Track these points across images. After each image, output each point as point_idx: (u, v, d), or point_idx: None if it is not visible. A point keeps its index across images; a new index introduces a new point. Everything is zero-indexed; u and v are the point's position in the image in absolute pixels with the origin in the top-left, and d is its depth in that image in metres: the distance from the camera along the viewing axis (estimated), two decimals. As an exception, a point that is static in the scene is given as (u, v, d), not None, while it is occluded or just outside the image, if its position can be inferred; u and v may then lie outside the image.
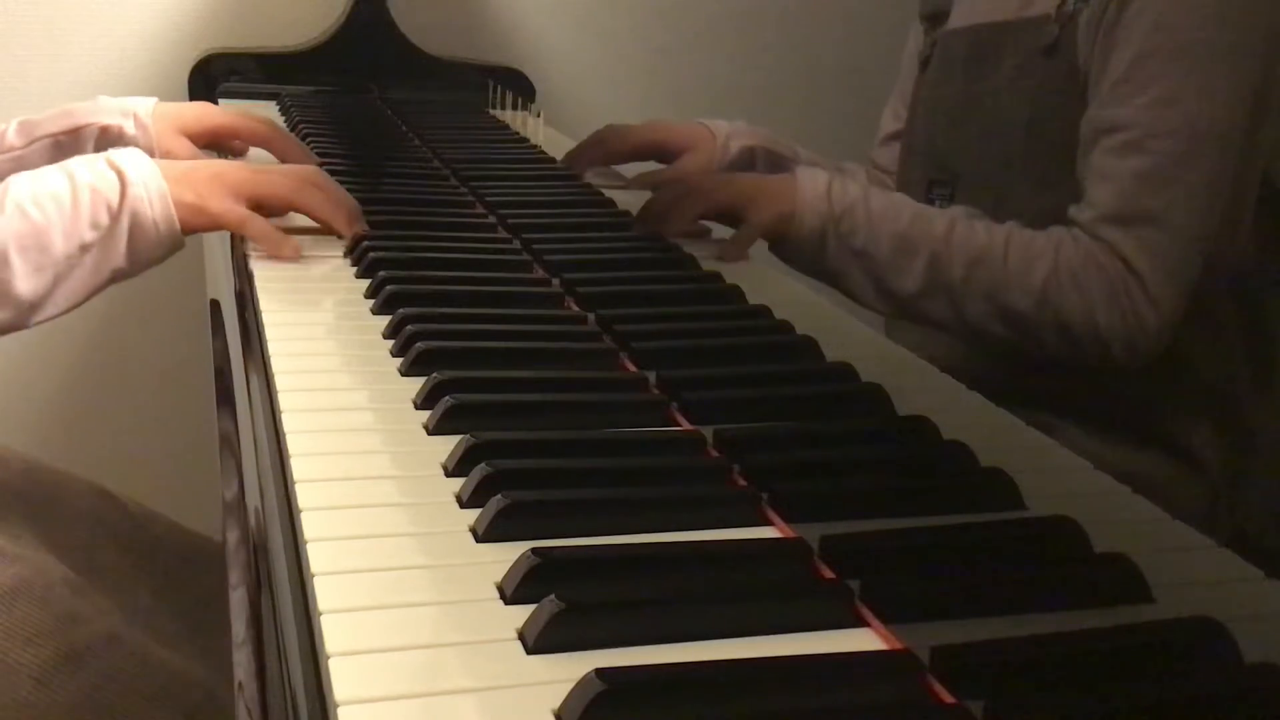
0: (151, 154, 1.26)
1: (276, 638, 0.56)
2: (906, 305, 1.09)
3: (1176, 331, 1.03)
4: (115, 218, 0.98)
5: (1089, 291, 1.02)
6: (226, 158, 1.34)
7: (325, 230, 1.09)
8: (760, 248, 1.15)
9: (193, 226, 1.02)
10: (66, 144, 1.24)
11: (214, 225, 1.03)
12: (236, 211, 1.03)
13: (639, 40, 1.72)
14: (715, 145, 1.37)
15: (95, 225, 0.97)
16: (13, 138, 1.23)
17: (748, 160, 1.37)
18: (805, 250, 1.11)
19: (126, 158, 1.01)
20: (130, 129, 1.26)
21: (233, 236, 1.20)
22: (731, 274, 1.05)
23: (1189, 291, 1.02)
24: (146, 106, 1.28)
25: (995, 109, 1.15)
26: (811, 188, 1.10)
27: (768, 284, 1.05)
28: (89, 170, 0.99)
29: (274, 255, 1.03)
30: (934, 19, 1.28)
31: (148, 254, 1.00)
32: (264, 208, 1.06)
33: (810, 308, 1.00)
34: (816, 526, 0.61)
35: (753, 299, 0.99)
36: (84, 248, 0.97)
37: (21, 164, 1.23)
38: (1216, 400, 1.10)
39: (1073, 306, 1.02)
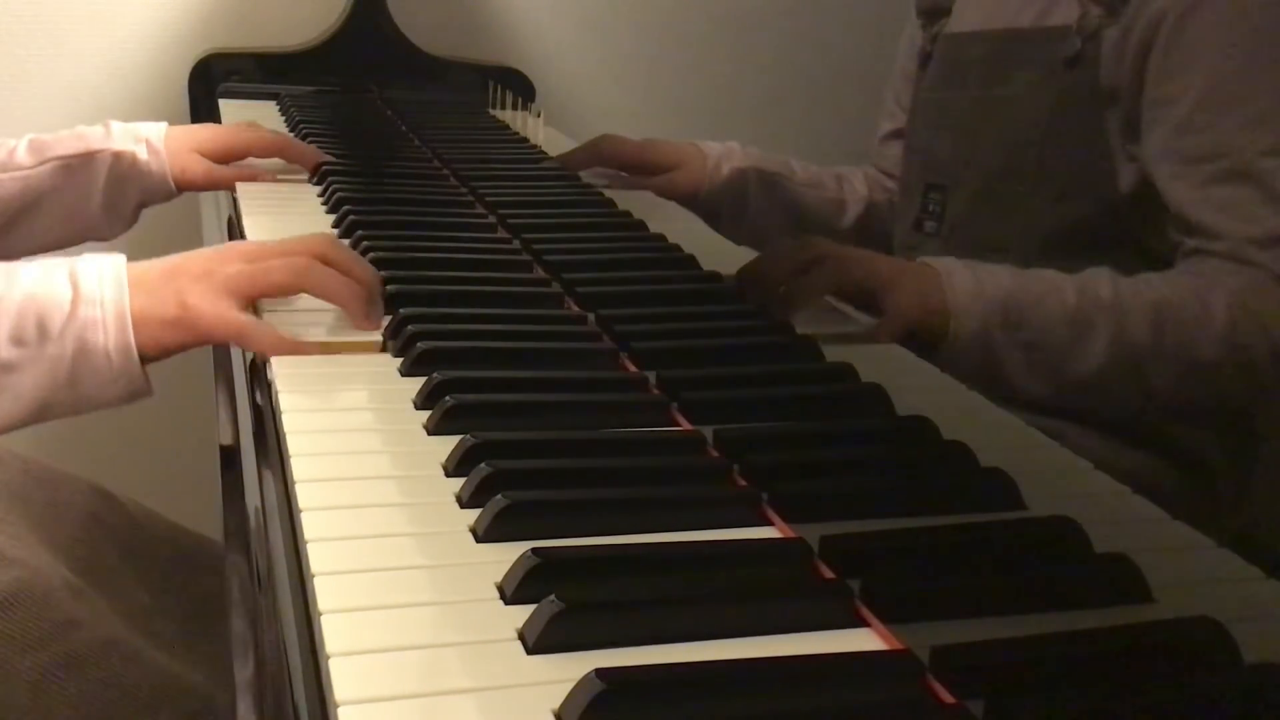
0: (165, 180, 1.26)
1: (277, 638, 0.56)
2: (1082, 389, 0.99)
3: None
4: (51, 337, 0.81)
5: (1268, 320, 0.97)
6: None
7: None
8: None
9: (176, 345, 0.84)
10: (78, 168, 1.23)
11: (203, 339, 0.85)
12: (233, 319, 0.83)
13: (639, 40, 1.72)
14: (706, 166, 1.37)
15: (18, 340, 0.81)
16: (22, 156, 1.22)
17: (739, 183, 1.37)
18: (970, 355, 0.97)
19: (93, 267, 0.84)
20: (143, 155, 1.24)
21: (229, 225, 1.19)
22: (729, 272, 1.05)
23: None
24: (158, 131, 1.27)
25: (1008, 118, 1.14)
26: (961, 284, 0.98)
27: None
28: (40, 274, 0.83)
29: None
30: (932, 14, 1.27)
31: (98, 391, 0.83)
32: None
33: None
34: (816, 526, 0.61)
35: (753, 299, 0.99)
36: None
37: (29, 184, 1.22)
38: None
39: (1257, 339, 0.97)
